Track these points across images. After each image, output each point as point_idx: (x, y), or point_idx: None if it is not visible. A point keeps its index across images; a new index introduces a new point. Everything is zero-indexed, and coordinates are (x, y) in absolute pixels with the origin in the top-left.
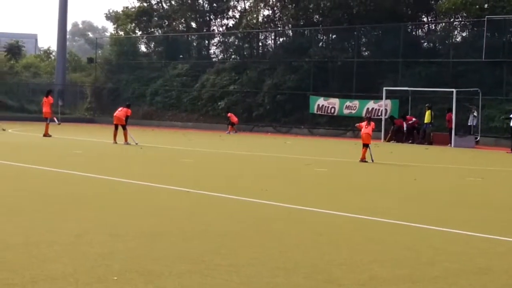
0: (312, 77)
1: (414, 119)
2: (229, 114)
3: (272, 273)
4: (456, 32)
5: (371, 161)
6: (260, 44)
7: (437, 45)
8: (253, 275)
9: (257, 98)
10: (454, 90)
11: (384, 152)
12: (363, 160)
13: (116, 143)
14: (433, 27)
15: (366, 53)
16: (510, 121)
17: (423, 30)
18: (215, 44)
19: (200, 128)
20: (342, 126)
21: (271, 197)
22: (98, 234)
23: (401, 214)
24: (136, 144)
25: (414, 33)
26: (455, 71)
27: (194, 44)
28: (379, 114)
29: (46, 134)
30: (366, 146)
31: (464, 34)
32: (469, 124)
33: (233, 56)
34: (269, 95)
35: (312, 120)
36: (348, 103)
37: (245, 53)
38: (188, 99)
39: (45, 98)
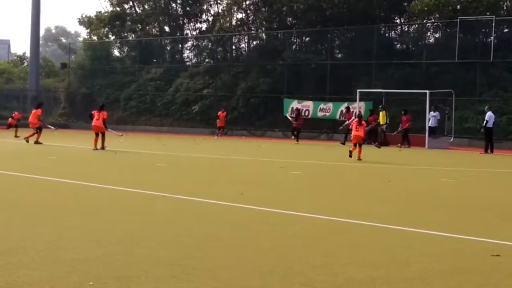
0: (286, 80)
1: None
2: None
3: (248, 276)
4: (429, 34)
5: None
6: (234, 47)
7: (410, 46)
8: (230, 278)
9: (231, 102)
10: (427, 91)
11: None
12: (359, 158)
13: (97, 149)
14: (406, 29)
15: (340, 56)
16: (483, 122)
17: (396, 31)
18: (188, 48)
19: (175, 132)
20: (316, 128)
21: (247, 201)
22: (74, 240)
23: (375, 216)
24: (121, 135)
25: (387, 35)
26: (428, 72)
27: (168, 48)
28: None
29: (36, 141)
30: (359, 145)
31: (437, 36)
32: (429, 125)
33: (206, 60)
34: (243, 99)
35: (286, 123)
36: (322, 105)
37: (218, 56)
38: (162, 104)
39: (34, 109)
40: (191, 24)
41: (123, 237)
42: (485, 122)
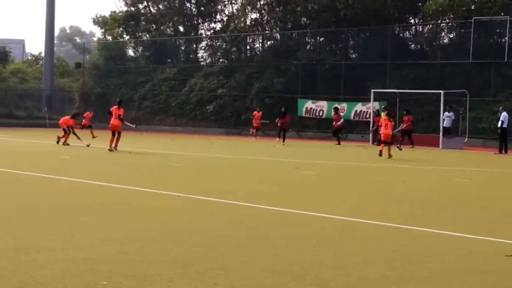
0: (300, 80)
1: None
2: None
3: (261, 275)
4: (443, 34)
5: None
6: (248, 47)
7: (424, 46)
8: (243, 278)
9: (245, 102)
10: (441, 91)
11: (371, 154)
12: (389, 155)
13: (111, 149)
14: (421, 29)
15: (354, 56)
16: (498, 122)
17: (411, 32)
18: (203, 48)
19: (189, 132)
20: (330, 128)
21: (261, 201)
22: (87, 239)
23: (390, 216)
24: (134, 127)
25: (401, 35)
26: (442, 73)
27: (182, 48)
28: (367, 116)
29: (64, 142)
30: (388, 143)
31: (451, 36)
32: (444, 125)
33: (221, 60)
34: (257, 99)
35: (301, 123)
36: (336, 105)
37: (233, 56)
38: (176, 103)
39: (69, 117)
40: (206, 24)
41: (137, 236)
42: (500, 122)
